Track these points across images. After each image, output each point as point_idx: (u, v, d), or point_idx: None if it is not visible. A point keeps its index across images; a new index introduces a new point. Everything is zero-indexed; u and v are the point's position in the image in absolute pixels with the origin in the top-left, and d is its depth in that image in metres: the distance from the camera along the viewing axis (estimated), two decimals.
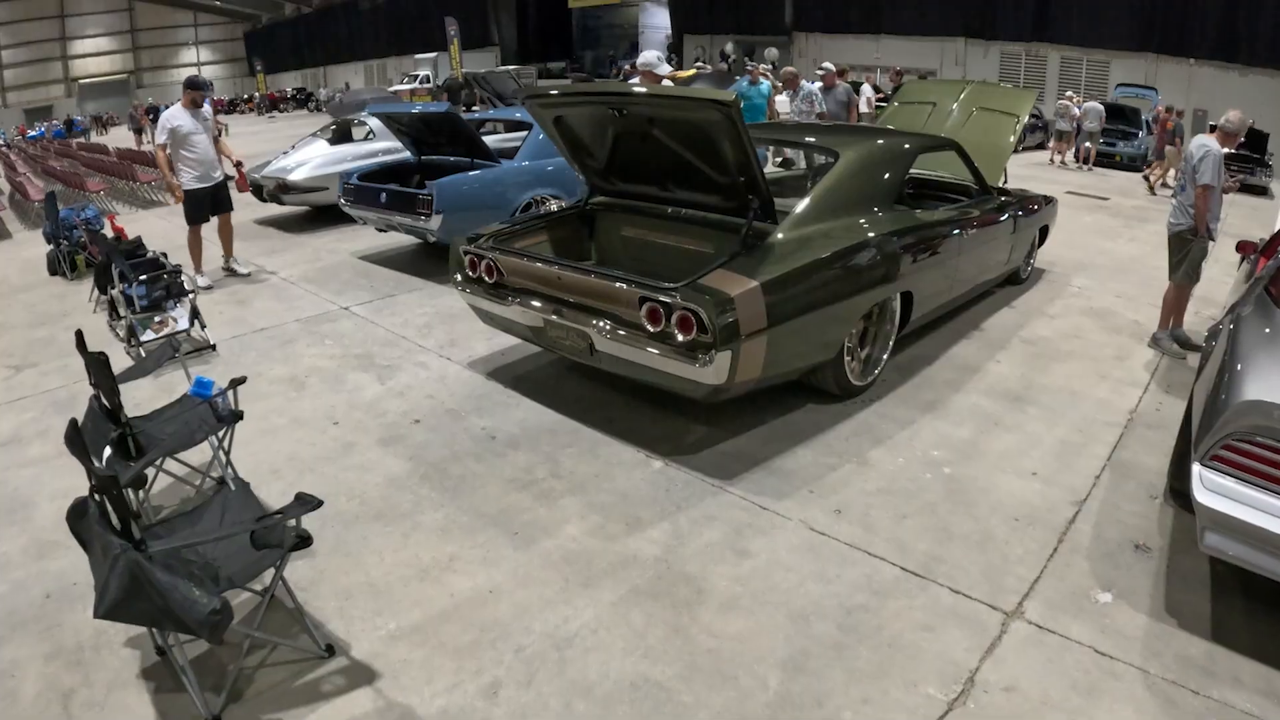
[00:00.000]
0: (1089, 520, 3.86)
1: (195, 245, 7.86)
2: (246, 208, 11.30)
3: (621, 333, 4.15)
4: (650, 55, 6.89)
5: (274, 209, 10.99)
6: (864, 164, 5.10)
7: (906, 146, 5.58)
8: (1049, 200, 7.64)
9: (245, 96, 49.19)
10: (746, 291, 3.89)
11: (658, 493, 4.03)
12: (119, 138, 27.93)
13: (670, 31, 39.84)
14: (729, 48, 35.15)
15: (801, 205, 4.63)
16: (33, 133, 36.49)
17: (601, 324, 4.22)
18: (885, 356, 5.20)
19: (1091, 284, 7.79)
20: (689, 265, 4.66)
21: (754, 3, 34.71)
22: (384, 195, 7.76)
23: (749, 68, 11.28)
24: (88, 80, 53.48)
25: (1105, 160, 17.62)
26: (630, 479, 4.15)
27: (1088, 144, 16.93)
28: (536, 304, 4.58)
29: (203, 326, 6.29)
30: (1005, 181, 7.35)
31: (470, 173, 7.78)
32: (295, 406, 5.12)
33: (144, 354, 5.90)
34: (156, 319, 6.46)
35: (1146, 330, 6.45)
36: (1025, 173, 15.88)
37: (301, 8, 55.50)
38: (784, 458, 4.34)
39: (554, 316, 4.45)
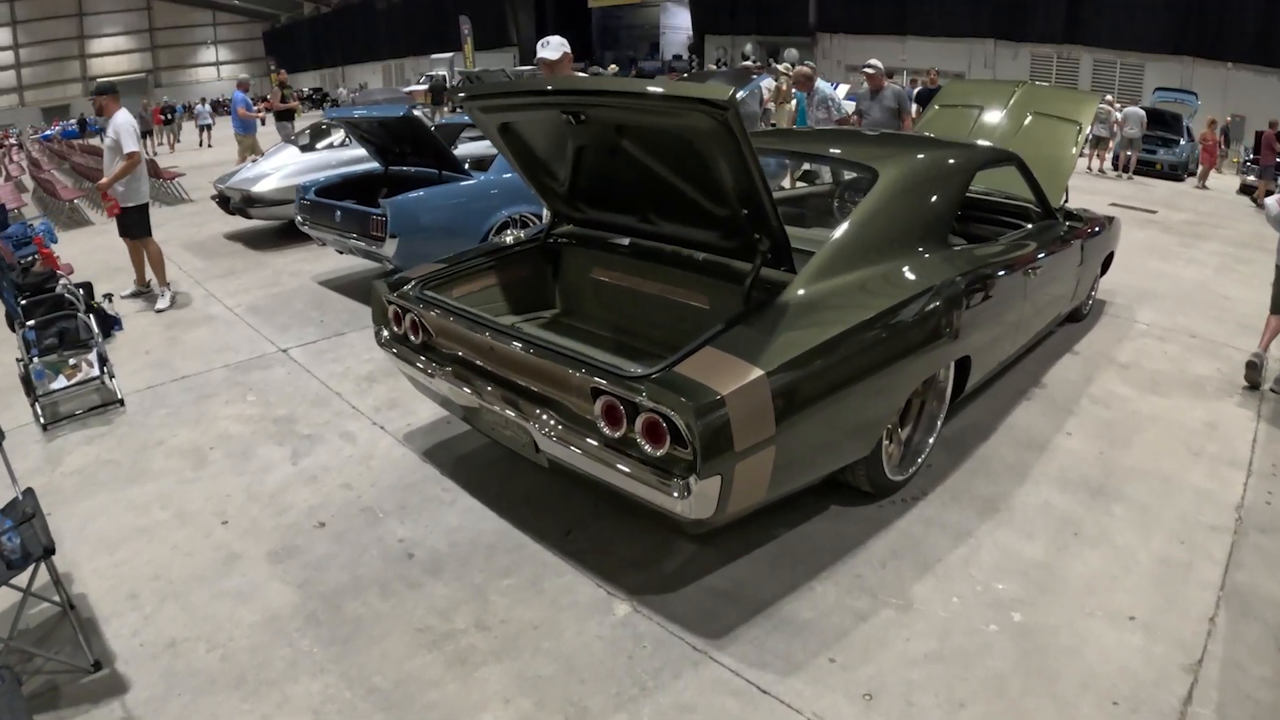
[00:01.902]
0: (1208, 699, 2.69)
1: (160, 257, 7.26)
2: (217, 221, 10.29)
3: (570, 434, 2.96)
4: (553, 40, 5.04)
5: (244, 222, 9.87)
6: (910, 187, 3.86)
7: (963, 161, 4.33)
8: (1112, 221, 6.39)
9: (263, 97, 48.30)
10: (745, 386, 2.70)
11: (617, 661, 2.84)
12: None
13: (691, 32, 38.72)
14: (749, 48, 34.09)
15: (828, 247, 3.41)
16: (45, 132, 35.67)
17: (545, 418, 3.05)
18: (932, 440, 3.99)
19: (1159, 319, 6.54)
20: (679, 327, 3.51)
21: (776, 2, 33.52)
22: (339, 213, 6.64)
23: (742, 64, 9.40)
24: (105, 79, 52.62)
25: (1145, 168, 16.26)
26: (582, 634, 2.97)
27: (1128, 151, 15.60)
28: (468, 379, 3.42)
29: (111, 376, 5.20)
30: (1066, 200, 6.15)
31: (434, 188, 6.62)
32: (186, 494, 4.01)
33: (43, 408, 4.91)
34: (71, 362, 5.41)
35: (1231, 380, 5.27)
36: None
37: (320, 7, 54.57)
38: (797, 599, 3.13)
39: (484, 399, 3.29)
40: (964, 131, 6.30)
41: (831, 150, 4.63)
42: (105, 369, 5.21)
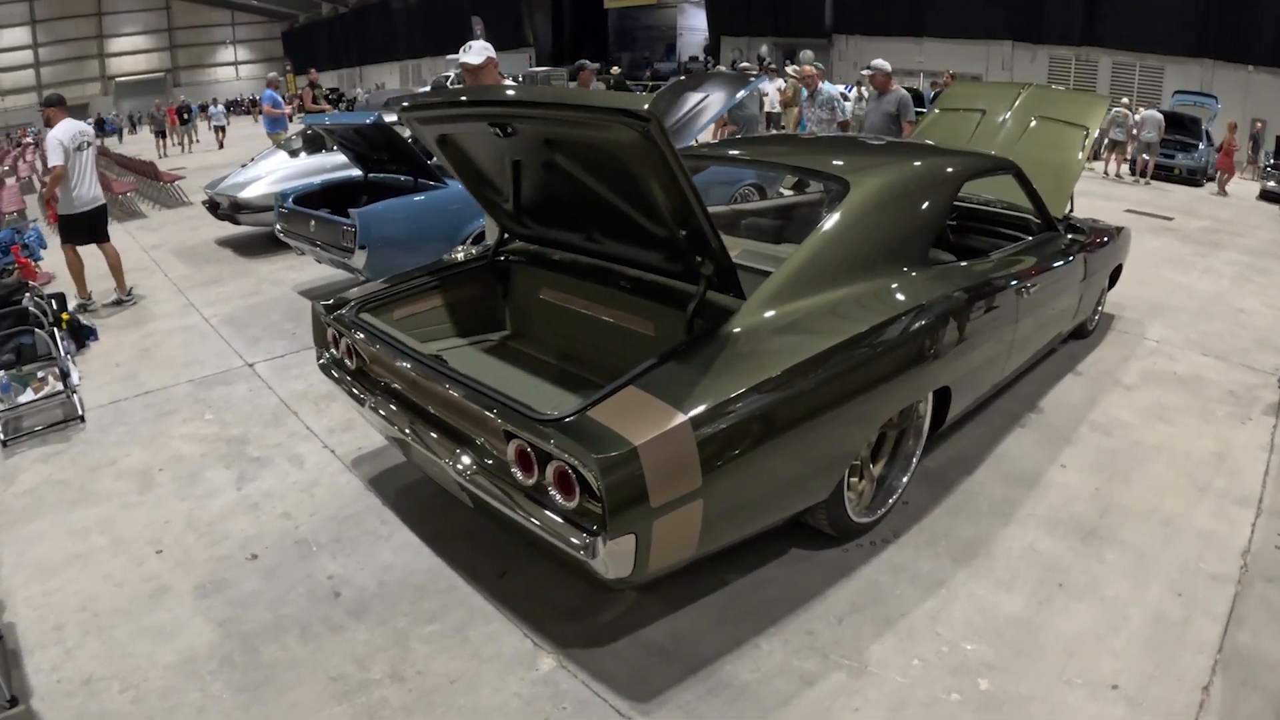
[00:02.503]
0: None
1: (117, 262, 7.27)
2: (211, 226, 10.11)
3: (487, 476, 2.71)
4: (475, 44, 4.49)
5: (234, 228, 9.67)
6: (885, 201, 3.51)
7: (949, 171, 3.99)
8: (1121, 231, 6.04)
9: (296, 96, 48.56)
10: (663, 434, 2.39)
11: None
12: (146, 138, 26.65)
13: (707, 33, 38.42)
14: (765, 50, 33.76)
15: (784, 269, 3.10)
16: None
17: (464, 457, 2.79)
18: (906, 478, 3.69)
19: (1171, 335, 6.20)
20: (627, 355, 3.23)
21: (792, 4, 33.16)
22: (313, 223, 6.42)
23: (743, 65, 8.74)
24: (124, 78, 52.97)
25: (1163, 173, 15.82)
26: (500, 692, 2.71)
27: (1145, 155, 15.17)
28: (395, 410, 3.17)
29: (73, 392, 5.02)
30: (1071, 209, 5.84)
31: (404, 197, 6.39)
32: (126, 519, 3.82)
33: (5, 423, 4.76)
34: (40, 375, 5.24)
35: (1246, 404, 4.93)
36: (1077, 187, 14.22)
37: (338, 7, 54.55)
38: (739, 657, 2.84)
39: (409, 433, 3.04)
40: (965, 136, 5.98)
41: (802, 159, 4.31)
42: (68, 384, 5.05)
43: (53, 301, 6.12)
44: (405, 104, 3.36)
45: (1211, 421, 4.75)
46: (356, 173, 7.54)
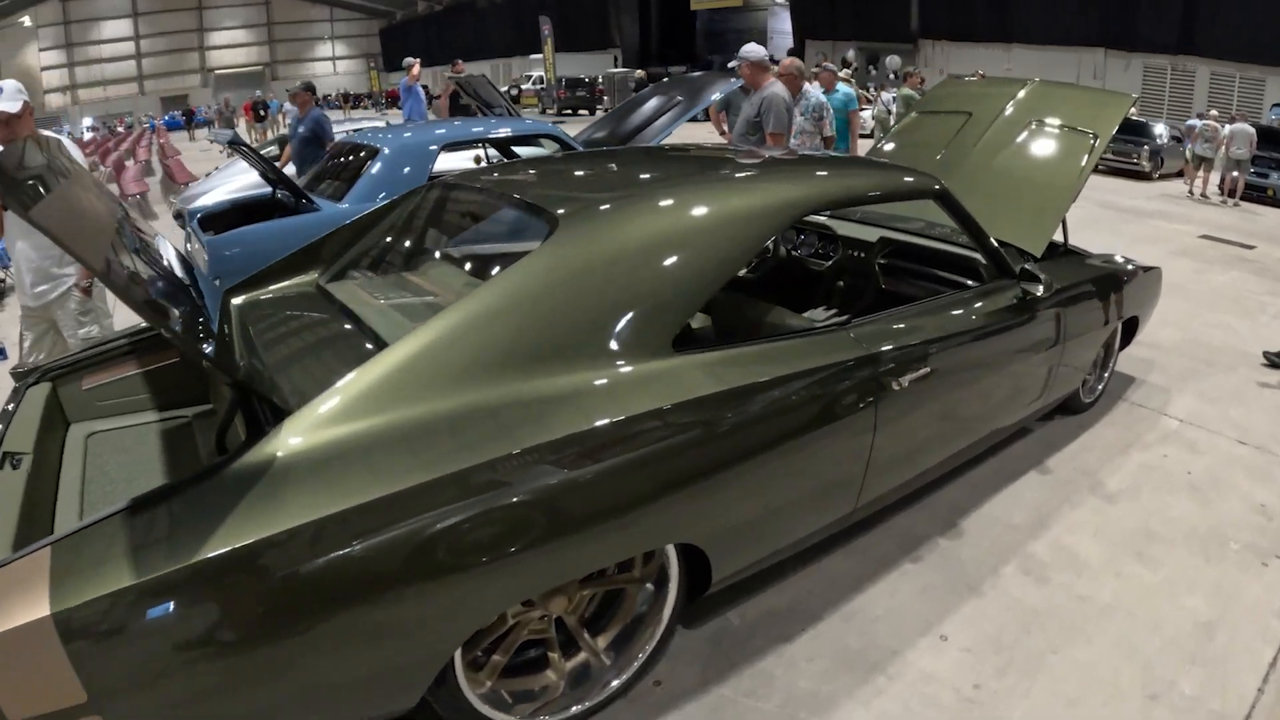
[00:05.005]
0: None
1: None
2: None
3: None
4: (8, 85, 3.40)
5: None
6: (609, 249, 2.16)
7: (767, 204, 2.49)
8: (1140, 274, 4.31)
9: (367, 94, 48.98)
10: (13, 632, 1.40)
11: None
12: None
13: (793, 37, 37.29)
14: (850, 54, 32.23)
15: (378, 364, 1.83)
16: (152, 121, 36.23)
17: None
18: (625, 676, 2.26)
19: (1204, 411, 4.46)
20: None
21: (877, 8, 31.68)
22: (192, 244, 5.54)
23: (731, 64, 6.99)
24: (223, 71, 54.12)
25: (1254, 194, 13.48)
26: None
27: (1234, 173, 12.97)
28: None
29: None
30: (1066, 242, 4.23)
31: (266, 222, 5.32)
32: None
33: None
34: None
35: (1274, 538, 3.26)
36: (1152, 207, 12.20)
37: (433, 5, 54.62)
38: None
39: None
40: (936, 147, 4.43)
41: (519, 185, 2.79)
42: None
43: None
44: None
45: (1217, 562, 3.09)
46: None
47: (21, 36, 48.24)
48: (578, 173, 3.09)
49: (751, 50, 6.09)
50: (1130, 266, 4.26)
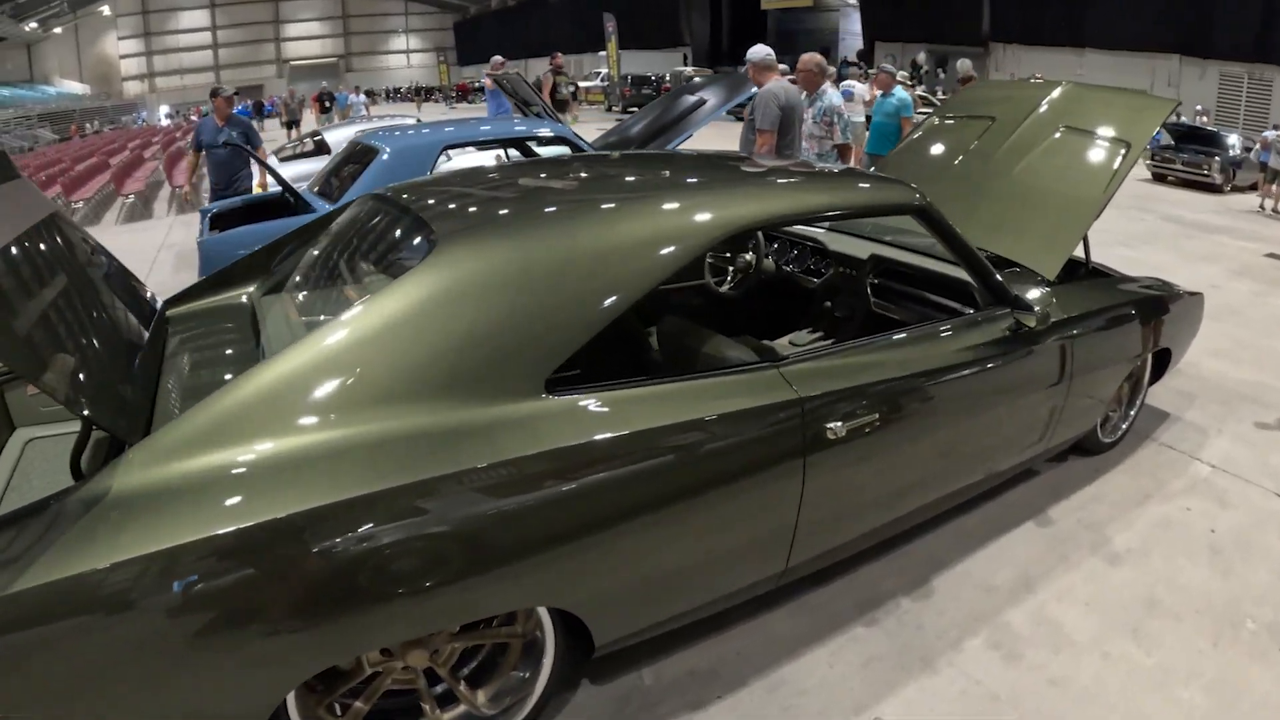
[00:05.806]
0: None
1: None
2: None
3: None
4: None
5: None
6: (464, 280, 1.89)
7: (679, 222, 2.17)
8: (1181, 299, 3.86)
9: (437, 87, 49.48)
10: None
11: None
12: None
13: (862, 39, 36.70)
14: (921, 57, 31.51)
15: (226, 392, 1.67)
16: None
17: None
18: None
19: (1241, 456, 3.96)
20: None
21: (948, 10, 30.78)
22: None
23: (741, 66, 6.62)
24: (299, 62, 55.29)
25: None
26: None
27: None
28: None
29: None
30: (1088, 257, 3.80)
31: (260, 223, 5.29)
32: None
33: None
34: None
35: None
36: (1219, 222, 11.43)
37: (506, 1, 55.01)
38: None
39: None
40: (956, 154, 4.05)
41: (431, 198, 2.52)
42: None
43: None
44: None
45: (1226, 645, 2.66)
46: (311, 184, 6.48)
47: (101, 25, 50.03)
48: (500, 185, 2.81)
49: (754, 52, 5.91)
50: (1166, 291, 3.81)
